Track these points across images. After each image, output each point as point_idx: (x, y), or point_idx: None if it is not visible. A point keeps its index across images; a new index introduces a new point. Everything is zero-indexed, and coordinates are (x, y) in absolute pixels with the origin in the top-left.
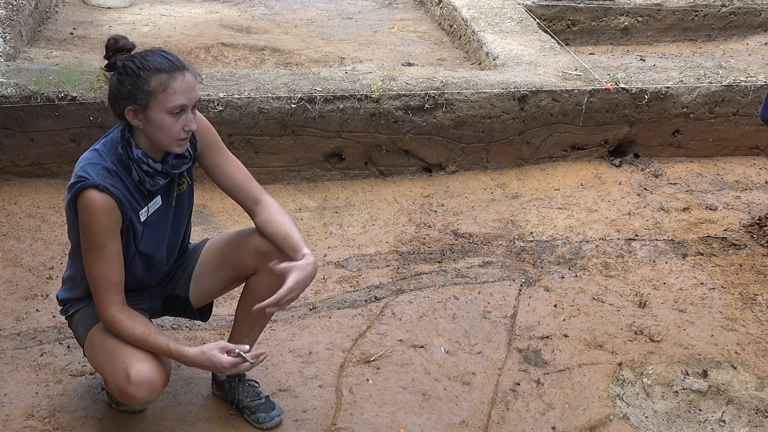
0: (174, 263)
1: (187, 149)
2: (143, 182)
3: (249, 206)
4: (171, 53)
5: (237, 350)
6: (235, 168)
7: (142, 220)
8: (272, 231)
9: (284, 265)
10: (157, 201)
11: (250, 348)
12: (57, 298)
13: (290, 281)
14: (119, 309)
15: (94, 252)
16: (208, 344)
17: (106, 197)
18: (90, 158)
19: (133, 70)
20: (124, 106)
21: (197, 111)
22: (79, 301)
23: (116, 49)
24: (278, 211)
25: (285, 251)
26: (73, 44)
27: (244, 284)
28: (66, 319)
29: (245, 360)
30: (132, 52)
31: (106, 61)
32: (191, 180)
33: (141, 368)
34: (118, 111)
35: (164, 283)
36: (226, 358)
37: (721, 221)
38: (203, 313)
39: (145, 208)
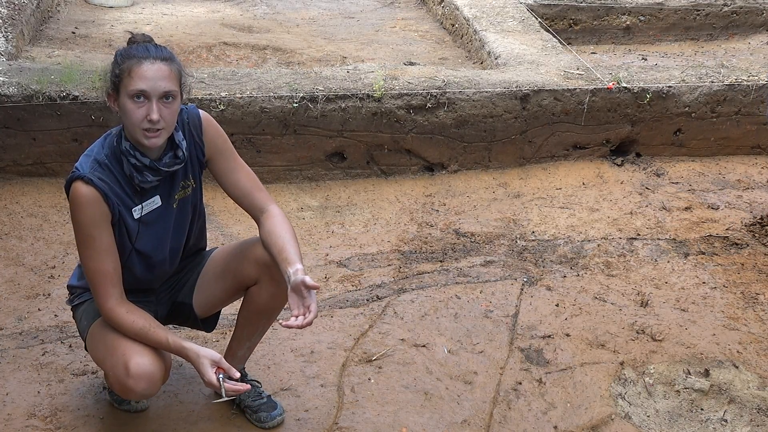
0: (183, 269)
1: (183, 151)
2: (132, 177)
3: (255, 215)
4: (160, 47)
5: (221, 376)
6: (243, 176)
7: (135, 217)
8: (270, 242)
9: (295, 314)
10: (156, 201)
11: (246, 357)
12: (67, 287)
13: (312, 305)
14: (118, 302)
15: (85, 244)
16: (208, 351)
17: (90, 189)
18: (89, 149)
19: (116, 57)
20: (107, 92)
21: (204, 114)
22: (85, 292)
23: (131, 42)
24: (280, 222)
25: (279, 264)
26: (74, 43)
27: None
28: (71, 309)
29: (220, 388)
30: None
31: (110, 63)
32: (196, 183)
33: (140, 361)
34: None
35: (170, 288)
36: (209, 375)
37: (723, 220)
38: (207, 323)
39: (139, 205)
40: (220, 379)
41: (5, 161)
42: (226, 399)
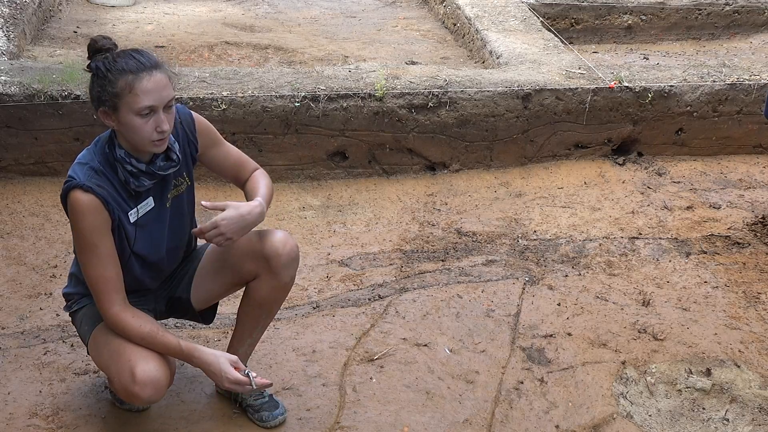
0: (178, 265)
1: (176, 153)
2: (128, 182)
3: (242, 182)
4: (143, 53)
5: (246, 371)
6: (233, 157)
7: (132, 221)
8: (246, 193)
9: (217, 203)
10: (149, 203)
11: (248, 355)
12: (63, 295)
13: (220, 216)
14: (123, 308)
15: (87, 252)
16: (223, 353)
17: (91, 197)
18: (81, 157)
19: (102, 72)
20: (97, 107)
21: (194, 113)
22: (83, 297)
23: (96, 49)
24: (256, 178)
25: None
26: (76, 42)
27: (244, 288)
28: (70, 315)
29: (250, 382)
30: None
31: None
32: (191, 181)
33: (146, 367)
34: (94, 112)
35: (167, 284)
36: (233, 373)
37: (725, 220)
38: (206, 316)
39: (135, 209)
40: (249, 374)
41: (7, 160)
42: (253, 388)
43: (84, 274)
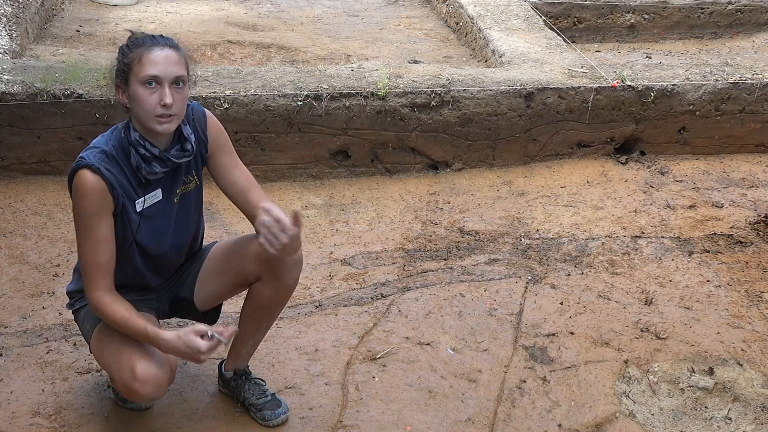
0: (182, 264)
1: (192, 144)
2: (140, 168)
3: (250, 213)
4: (164, 36)
5: (210, 332)
6: (242, 175)
7: (137, 210)
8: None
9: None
10: (157, 194)
11: (250, 355)
12: (66, 293)
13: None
14: (105, 293)
15: (83, 233)
16: (182, 329)
17: (97, 179)
18: (95, 142)
19: (123, 49)
20: (114, 84)
21: (207, 111)
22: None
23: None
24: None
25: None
26: (79, 42)
27: (247, 289)
28: (72, 313)
29: (220, 342)
30: None
31: (114, 59)
32: (200, 180)
33: (146, 365)
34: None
35: (171, 284)
36: (203, 343)
37: (727, 219)
38: (210, 316)
39: (142, 198)
40: (212, 335)
41: (10, 159)
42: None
43: (78, 253)
